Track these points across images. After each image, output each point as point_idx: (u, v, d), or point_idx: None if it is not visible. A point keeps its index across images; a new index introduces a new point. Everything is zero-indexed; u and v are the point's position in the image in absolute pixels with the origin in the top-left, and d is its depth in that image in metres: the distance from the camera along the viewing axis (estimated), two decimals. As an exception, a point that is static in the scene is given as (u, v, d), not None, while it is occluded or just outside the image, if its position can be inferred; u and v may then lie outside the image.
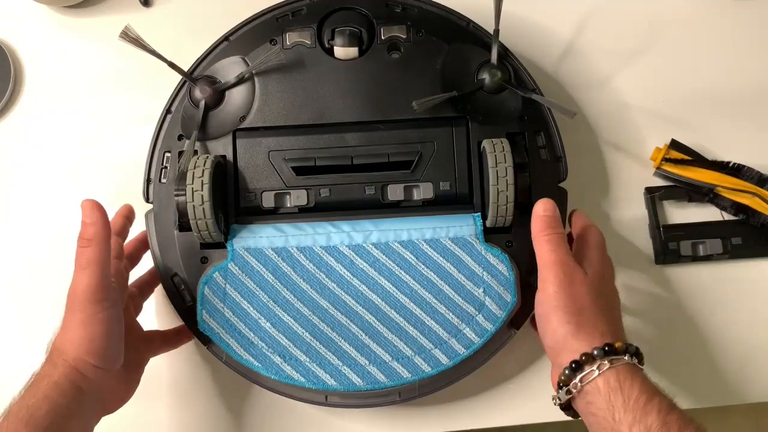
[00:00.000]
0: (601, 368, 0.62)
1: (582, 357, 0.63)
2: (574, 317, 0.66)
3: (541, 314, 0.69)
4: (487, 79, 0.79)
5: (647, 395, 0.60)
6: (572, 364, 0.64)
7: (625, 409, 0.60)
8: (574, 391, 0.64)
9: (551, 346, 0.68)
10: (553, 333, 0.67)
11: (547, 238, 0.70)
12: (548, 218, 0.71)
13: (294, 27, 0.80)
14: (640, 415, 0.59)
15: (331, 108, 0.79)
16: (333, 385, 0.73)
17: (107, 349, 0.66)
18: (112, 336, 0.66)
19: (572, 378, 0.64)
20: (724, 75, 0.89)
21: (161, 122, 0.81)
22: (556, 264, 0.68)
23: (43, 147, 0.89)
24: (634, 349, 0.65)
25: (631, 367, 0.63)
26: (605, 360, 0.63)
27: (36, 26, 0.92)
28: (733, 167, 0.83)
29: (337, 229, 0.76)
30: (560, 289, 0.67)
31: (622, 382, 0.61)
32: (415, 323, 0.74)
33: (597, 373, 0.62)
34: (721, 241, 0.84)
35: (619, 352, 0.63)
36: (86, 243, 0.65)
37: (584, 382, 0.63)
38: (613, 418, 0.60)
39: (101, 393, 0.67)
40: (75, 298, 0.65)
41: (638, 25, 0.90)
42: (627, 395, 0.61)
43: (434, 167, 0.78)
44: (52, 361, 0.65)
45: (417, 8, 0.82)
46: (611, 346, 0.63)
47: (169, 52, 0.77)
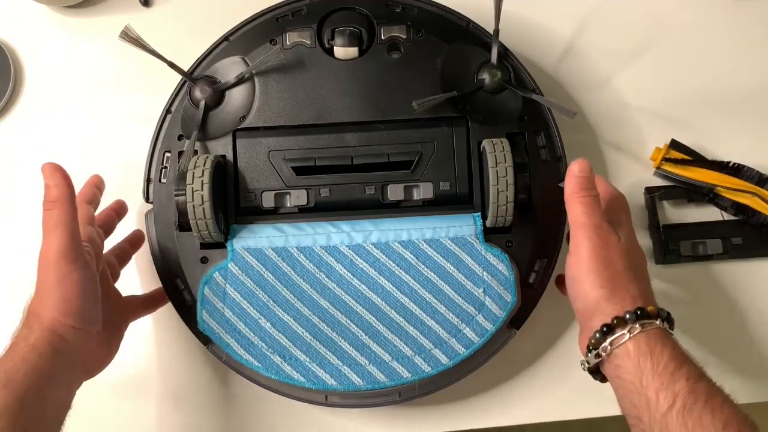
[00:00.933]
0: (632, 332, 0.61)
1: (614, 320, 0.62)
2: (608, 281, 0.64)
3: (574, 277, 0.67)
4: (487, 79, 0.79)
5: (677, 362, 0.60)
6: (603, 327, 0.63)
7: (653, 374, 0.59)
8: (604, 354, 0.63)
9: (582, 309, 0.67)
10: (585, 296, 0.66)
11: (582, 200, 0.67)
12: (583, 179, 0.68)
13: (294, 27, 0.80)
14: (668, 381, 0.58)
15: (331, 108, 0.79)
16: (333, 385, 0.73)
17: (83, 309, 0.65)
18: (87, 296, 0.66)
19: (602, 341, 0.63)
20: (724, 75, 0.89)
21: (161, 122, 0.81)
22: (590, 227, 0.66)
23: (43, 147, 0.89)
24: (666, 314, 0.64)
25: (663, 332, 0.62)
26: (637, 324, 0.62)
27: (36, 26, 0.92)
28: (733, 167, 0.83)
29: (337, 229, 0.76)
30: (594, 252, 0.65)
31: (652, 346, 0.61)
32: (415, 323, 0.74)
33: (628, 337, 0.61)
34: (721, 241, 0.83)
35: (652, 316, 0.62)
36: (51, 205, 0.65)
37: (614, 346, 0.62)
38: (641, 382, 0.60)
39: (80, 355, 0.66)
40: (47, 260, 0.64)
41: (638, 25, 0.90)
42: (656, 360, 0.60)
43: (434, 167, 0.78)
44: (28, 324, 0.65)
45: (417, 8, 0.82)
46: (643, 309, 0.63)
47: (169, 52, 0.77)
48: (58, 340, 0.64)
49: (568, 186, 0.69)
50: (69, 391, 0.66)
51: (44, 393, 0.62)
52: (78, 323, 0.65)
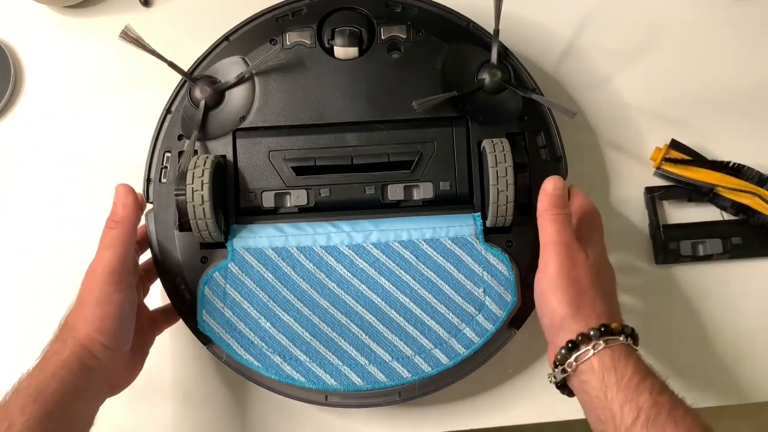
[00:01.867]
0: (597, 348, 0.63)
1: (578, 337, 0.64)
2: (574, 299, 0.66)
3: (541, 293, 0.69)
4: (487, 79, 0.79)
5: (640, 375, 0.61)
6: (569, 343, 0.64)
7: (617, 388, 0.61)
8: (570, 370, 0.64)
9: (548, 325, 0.68)
10: (551, 313, 0.67)
11: (553, 218, 0.69)
12: (556, 197, 0.70)
13: (294, 27, 0.80)
14: (633, 394, 0.60)
15: (331, 108, 0.79)
16: (333, 384, 0.73)
17: (118, 330, 0.67)
18: (124, 317, 0.68)
19: (568, 357, 0.64)
20: (724, 75, 0.89)
21: (161, 122, 0.81)
22: (559, 244, 0.68)
23: (43, 147, 0.89)
24: (630, 330, 0.65)
25: (626, 347, 0.64)
26: (600, 340, 0.63)
27: (36, 26, 0.92)
28: (733, 167, 0.83)
29: (337, 229, 0.76)
30: (561, 270, 0.67)
31: (616, 361, 0.62)
32: (415, 323, 0.74)
33: (592, 353, 0.63)
34: (721, 241, 0.83)
35: (615, 333, 0.64)
36: (115, 224, 0.69)
37: (579, 361, 0.63)
38: (606, 396, 0.61)
39: (108, 373, 0.68)
40: (94, 276, 0.67)
41: (638, 25, 0.90)
42: (620, 375, 0.61)
43: (434, 167, 0.78)
44: (62, 338, 0.66)
45: (417, 8, 0.82)
46: (607, 326, 0.64)
47: (169, 52, 0.77)
48: (89, 356, 0.65)
49: (541, 203, 0.71)
50: (94, 407, 0.68)
51: (71, 408, 0.63)
52: (111, 343, 0.67)
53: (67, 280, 0.84)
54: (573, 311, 0.66)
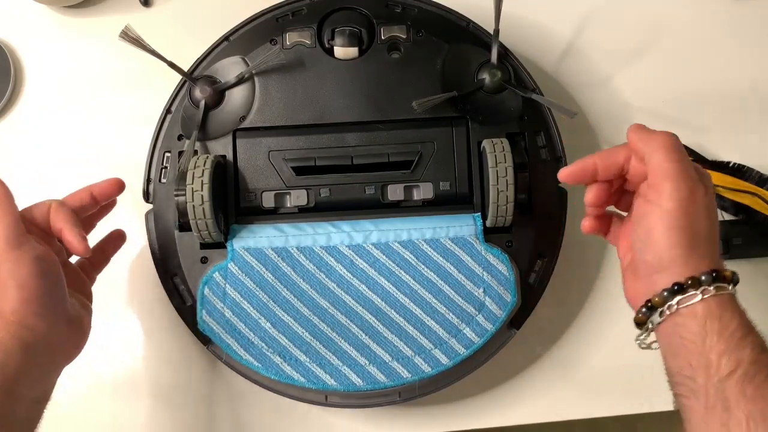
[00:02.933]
0: (705, 293, 0.58)
1: (688, 280, 0.58)
2: (691, 241, 0.59)
3: (649, 229, 0.60)
4: (487, 79, 0.79)
5: (744, 330, 0.57)
6: (674, 285, 0.58)
7: (719, 336, 0.57)
8: (668, 312, 0.59)
9: (651, 262, 0.60)
10: (660, 252, 0.60)
11: (667, 143, 0.60)
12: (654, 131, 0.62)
13: (294, 27, 0.80)
14: (734, 347, 0.56)
15: (331, 108, 0.79)
16: (333, 385, 0.73)
17: (43, 293, 0.63)
18: (45, 279, 0.63)
19: (669, 299, 0.58)
20: (724, 75, 0.89)
21: (161, 122, 0.81)
22: (678, 175, 0.59)
23: (44, 147, 0.89)
24: (738, 279, 0.60)
25: (733, 298, 0.59)
26: (711, 286, 0.58)
27: (36, 26, 0.92)
28: (733, 167, 0.83)
29: (337, 229, 0.76)
30: (680, 207, 0.59)
31: (722, 310, 0.58)
32: (415, 323, 0.74)
33: (699, 298, 0.58)
34: (721, 241, 0.83)
35: (726, 280, 0.59)
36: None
37: (682, 305, 0.58)
38: (704, 343, 0.57)
39: (52, 343, 0.64)
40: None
41: (638, 25, 0.90)
42: (725, 324, 0.57)
43: (434, 167, 0.78)
44: None
45: (417, 8, 0.82)
46: (719, 273, 0.59)
47: (169, 52, 0.77)
48: (24, 332, 0.61)
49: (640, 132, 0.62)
50: (46, 382, 0.65)
51: (15, 392, 0.60)
52: (41, 308, 0.63)
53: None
54: (686, 254, 0.59)
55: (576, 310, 0.83)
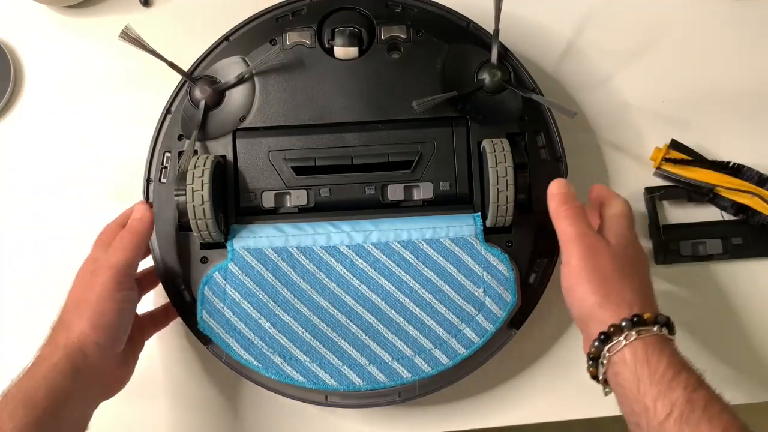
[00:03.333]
0: (629, 339, 0.61)
1: (610, 328, 0.62)
2: (600, 287, 0.64)
3: (567, 287, 0.68)
4: (487, 79, 0.79)
5: (674, 369, 0.59)
6: (601, 335, 0.63)
7: (650, 381, 0.59)
8: (605, 362, 0.63)
9: (578, 317, 0.67)
10: (580, 304, 0.66)
11: (565, 213, 0.69)
12: (562, 195, 0.70)
13: (294, 27, 0.80)
14: (666, 389, 0.58)
15: (331, 108, 0.79)
16: (333, 385, 0.73)
17: (115, 328, 0.68)
18: (122, 316, 0.69)
19: (601, 349, 0.63)
20: (724, 75, 0.89)
21: (161, 122, 0.81)
22: (577, 237, 0.67)
23: (43, 147, 0.89)
24: (665, 319, 0.63)
25: (660, 338, 0.62)
26: (633, 331, 0.61)
27: (36, 26, 0.92)
28: (733, 167, 0.83)
29: (337, 229, 0.76)
30: (582, 261, 0.66)
31: (650, 354, 0.60)
32: (415, 323, 0.74)
33: (624, 344, 0.61)
34: (721, 241, 0.83)
35: (648, 323, 0.62)
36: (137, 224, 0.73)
37: (612, 353, 0.62)
38: (638, 389, 0.59)
39: (100, 375, 0.68)
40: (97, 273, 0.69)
41: (638, 25, 0.90)
42: (653, 368, 0.59)
43: (434, 167, 0.78)
44: (53, 341, 0.66)
45: (417, 8, 0.82)
46: (639, 317, 0.62)
47: (169, 52, 0.77)
48: (80, 357, 0.65)
49: (551, 205, 0.71)
50: (86, 410, 0.68)
51: (62, 412, 0.63)
52: (105, 341, 0.67)
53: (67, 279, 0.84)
54: (601, 299, 0.64)
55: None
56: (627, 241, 0.69)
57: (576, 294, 0.66)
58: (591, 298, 0.65)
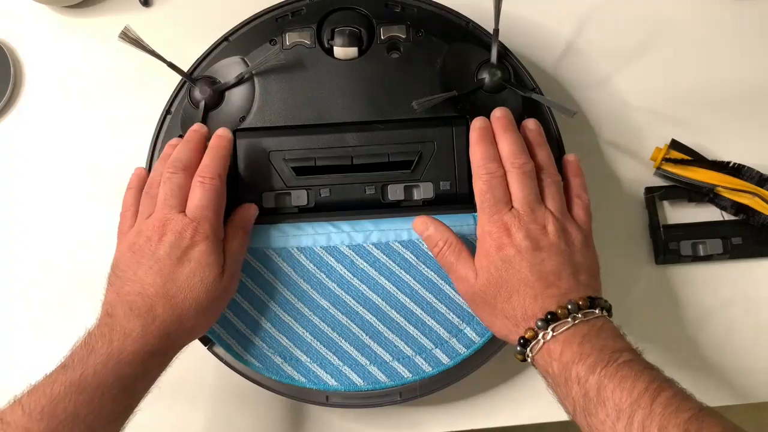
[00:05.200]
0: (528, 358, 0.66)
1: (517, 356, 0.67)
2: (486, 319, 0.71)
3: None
4: (487, 78, 0.79)
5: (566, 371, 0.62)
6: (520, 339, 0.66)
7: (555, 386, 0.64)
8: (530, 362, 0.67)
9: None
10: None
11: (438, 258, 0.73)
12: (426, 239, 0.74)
13: (293, 27, 0.80)
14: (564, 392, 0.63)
15: (331, 108, 0.79)
16: (334, 385, 0.73)
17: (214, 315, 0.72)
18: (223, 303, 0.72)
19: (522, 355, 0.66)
20: (725, 75, 0.89)
21: (161, 123, 0.81)
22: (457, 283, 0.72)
23: (43, 147, 0.89)
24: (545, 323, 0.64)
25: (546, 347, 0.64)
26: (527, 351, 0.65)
27: (36, 26, 0.92)
28: (733, 167, 0.83)
29: (337, 229, 0.76)
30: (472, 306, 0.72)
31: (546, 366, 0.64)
32: (415, 323, 0.74)
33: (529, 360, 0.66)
34: (721, 241, 0.83)
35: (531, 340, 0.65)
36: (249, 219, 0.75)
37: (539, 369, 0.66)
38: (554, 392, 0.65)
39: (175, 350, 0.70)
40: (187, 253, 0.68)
41: (638, 25, 0.90)
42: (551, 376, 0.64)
43: (434, 167, 0.78)
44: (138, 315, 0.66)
45: (417, 8, 0.82)
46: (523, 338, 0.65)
47: (169, 52, 0.77)
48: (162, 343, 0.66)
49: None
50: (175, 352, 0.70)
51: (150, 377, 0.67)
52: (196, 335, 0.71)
53: (67, 278, 0.84)
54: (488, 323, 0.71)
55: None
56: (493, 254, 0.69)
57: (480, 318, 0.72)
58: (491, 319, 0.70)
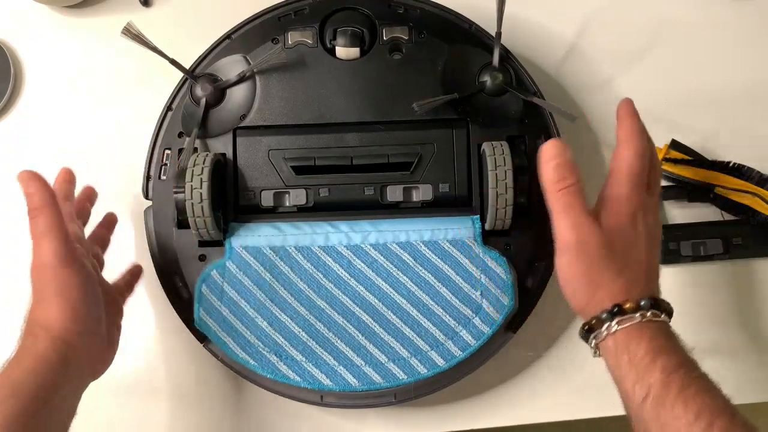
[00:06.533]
0: (610, 330, 0.62)
1: (592, 320, 0.63)
2: (589, 286, 0.64)
3: (559, 280, 0.66)
4: (488, 81, 0.79)
5: (652, 355, 0.60)
6: (585, 326, 0.64)
7: (630, 367, 0.60)
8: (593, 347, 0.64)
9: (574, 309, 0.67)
10: (570, 298, 0.66)
11: (559, 197, 0.64)
12: (556, 168, 0.64)
13: (296, 26, 0.80)
14: (643, 373, 0.59)
15: (332, 108, 0.79)
16: (328, 385, 0.73)
17: (88, 312, 0.65)
18: (90, 299, 0.66)
19: (587, 338, 0.64)
20: (725, 75, 0.89)
21: (162, 119, 0.81)
22: (568, 230, 0.63)
23: (43, 147, 0.89)
24: (649, 304, 0.63)
25: (639, 326, 0.61)
26: (613, 322, 0.62)
27: (36, 26, 0.92)
28: (733, 167, 0.83)
29: (335, 229, 0.76)
30: (573, 259, 0.64)
31: (629, 341, 0.61)
32: (411, 325, 0.74)
33: (605, 335, 0.62)
34: (721, 241, 0.83)
35: (628, 312, 0.62)
36: (35, 213, 0.65)
37: (598, 340, 0.63)
38: (620, 374, 0.61)
39: (88, 360, 0.66)
40: (44, 269, 0.64)
41: (640, 27, 0.90)
42: (633, 354, 0.60)
43: (434, 169, 0.78)
44: (32, 333, 0.64)
45: (419, 9, 0.82)
46: (620, 307, 0.62)
47: (169, 52, 0.77)
48: (66, 348, 0.63)
49: (544, 173, 0.65)
50: (75, 397, 0.66)
51: (51, 402, 0.62)
52: (85, 328, 0.65)
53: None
54: (588, 299, 0.64)
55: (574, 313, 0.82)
56: (623, 219, 0.65)
57: (567, 291, 0.66)
58: (580, 297, 0.65)
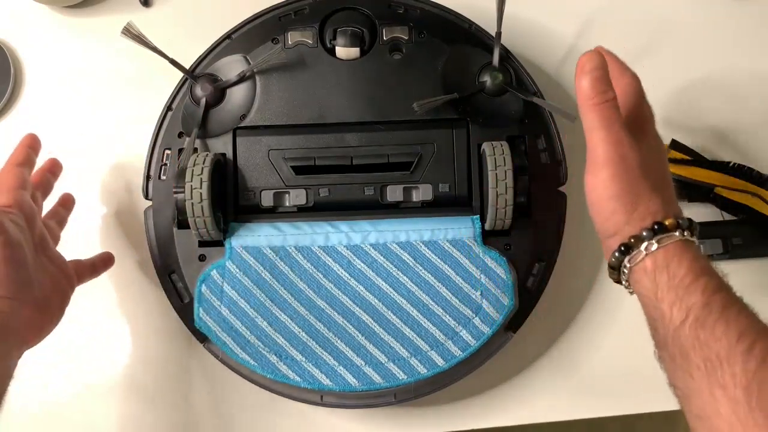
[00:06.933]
0: (649, 249, 0.58)
1: (630, 239, 0.59)
2: (630, 204, 0.60)
3: (594, 201, 0.62)
4: (488, 81, 0.79)
5: (694, 274, 0.57)
6: (621, 246, 0.60)
7: (668, 287, 0.57)
8: (626, 271, 0.60)
9: (602, 231, 0.62)
10: (605, 221, 0.61)
11: (598, 110, 0.61)
12: (596, 79, 0.61)
13: (296, 26, 0.80)
14: (683, 294, 0.56)
15: (332, 108, 0.79)
16: (328, 385, 0.73)
17: (11, 277, 0.64)
18: (13, 262, 0.64)
19: (621, 260, 0.60)
20: (725, 75, 0.89)
21: (162, 119, 0.81)
22: (609, 146, 0.60)
23: (44, 147, 0.88)
24: (687, 222, 0.60)
25: (681, 244, 0.58)
26: (653, 240, 0.58)
27: (36, 26, 0.92)
28: (733, 167, 0.83)
29: (335, 229, 0.76)
30: (615, 175, 0.60)
31: (669, 260, 0.58)
32: (411, 325, 0.74)
33: (644, 254, 0.58)
34: (721, 241, 0.83)
35: (669, 229, 0.59)
36: None
37: (633, 263, 0.59)
38: (656, 296, 0.58)
39: (16, 326, 0.65)
40: None
41: (640, 27, 0.90)
42: (672, 274, 0.57)
43: (434, 169, 0.78)
44: None
45: (419, 9, 0.82)
46: (661, 224, 0.58)
47: (169, 52, 0.77)
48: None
49: (580, 88, 0.62)
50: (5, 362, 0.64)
51: None
52: (11, 292, 0.64)
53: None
54: (627, 217, 0.60)
55: (574, 314, 0.83)
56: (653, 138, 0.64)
57: (602, 211, 0.61)
58: (618, 217, 0.60)
